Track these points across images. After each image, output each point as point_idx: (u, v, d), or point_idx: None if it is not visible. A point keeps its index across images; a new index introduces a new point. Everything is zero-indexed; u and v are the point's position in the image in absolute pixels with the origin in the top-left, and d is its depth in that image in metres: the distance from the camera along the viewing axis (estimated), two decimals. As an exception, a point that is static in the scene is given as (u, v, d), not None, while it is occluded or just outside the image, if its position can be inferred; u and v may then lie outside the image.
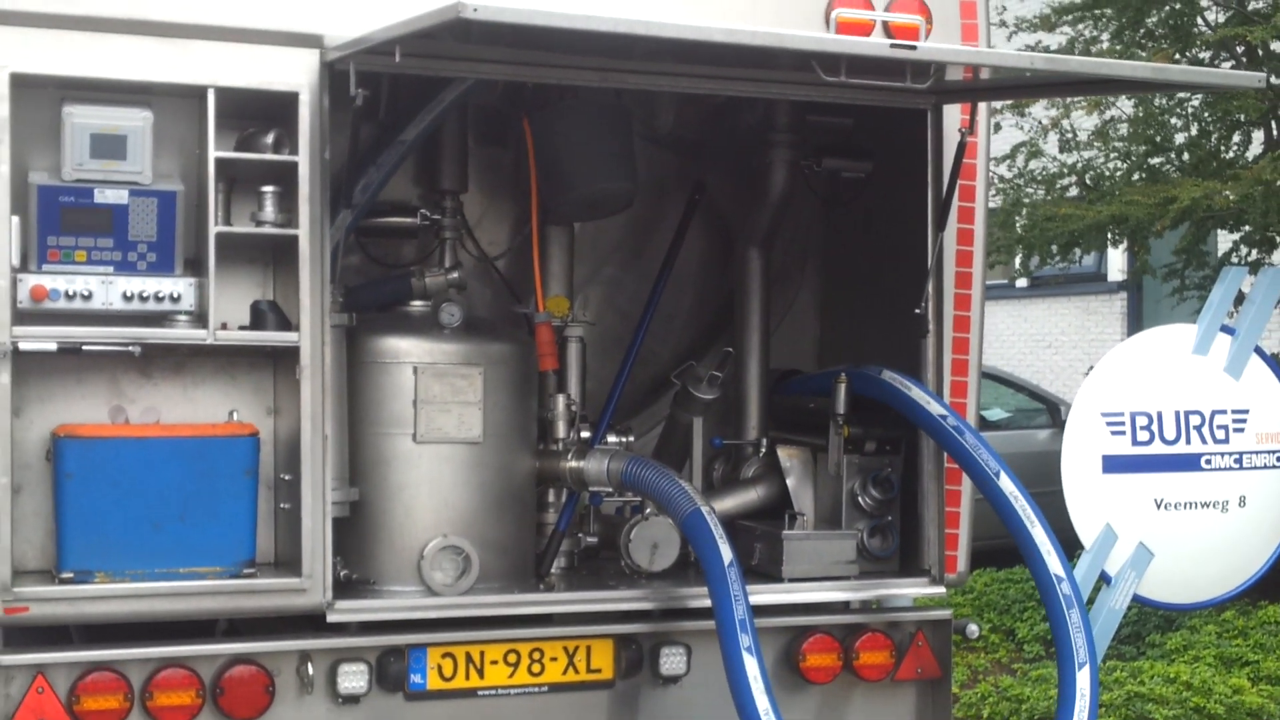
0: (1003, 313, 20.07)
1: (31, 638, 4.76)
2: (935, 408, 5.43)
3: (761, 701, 4.65)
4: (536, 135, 5.58)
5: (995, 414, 13.37)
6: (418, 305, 5.41)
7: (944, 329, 5.65)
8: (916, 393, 5.48)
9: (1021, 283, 19.27)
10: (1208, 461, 9.38)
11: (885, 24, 5.32)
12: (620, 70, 5.07)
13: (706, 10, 5.17)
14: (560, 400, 5.59)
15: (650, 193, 6.21)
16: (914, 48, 4.57)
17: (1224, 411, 9.47)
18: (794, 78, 5.10)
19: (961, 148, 5.43)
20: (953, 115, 5.62)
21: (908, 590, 5.72)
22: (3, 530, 4.51)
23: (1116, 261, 15.77)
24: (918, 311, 5.60)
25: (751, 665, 4.70)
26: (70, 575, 4.60)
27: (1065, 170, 12.22)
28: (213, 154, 4.71)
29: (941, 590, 5.65)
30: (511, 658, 5.12)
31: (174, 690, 4.71)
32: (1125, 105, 11.76)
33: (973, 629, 5.87)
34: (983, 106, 5.70)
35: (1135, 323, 17.32)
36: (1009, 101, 11.13)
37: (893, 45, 4.61)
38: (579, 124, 5.55)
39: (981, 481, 5.33)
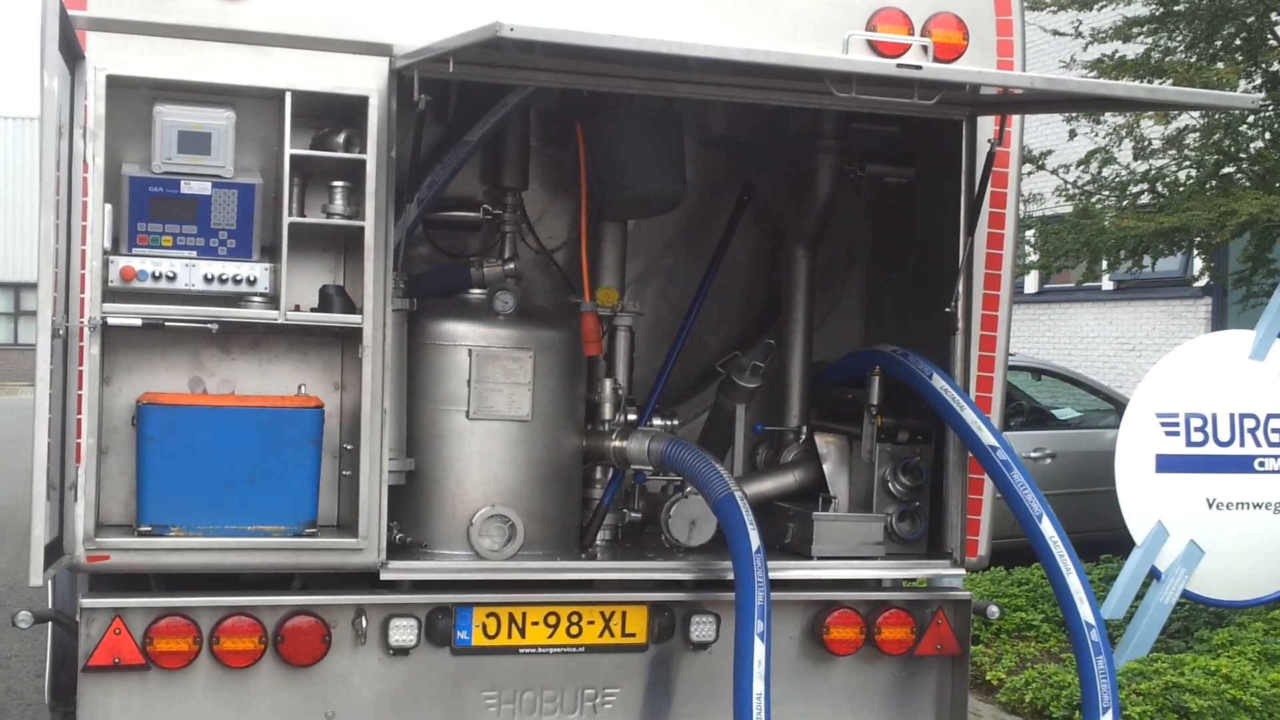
0: (1088, 315, 20.16)
1: (112, 584, 5.22)
2: (940, 382, 5.80)
3: (758, 685, 5.00)
4: (591, 138, 5.99)
5: (1066, 413, 13.58)
6: (476, 293, 5.82)
7: (972, 327, 5.95)
8: (916, 362, 5.87)
9: (1107, 286, 19.38)
10: (1260, 464, 9.60)
11: (923, 45, 5.65)
12: (668, 80, 5.43)
13: (751, 28, 5.55)
14: (607, 384, 6.00)
15: (704, 193, 6.60)
16: (919, 68, 4.91)
17: (1279, 415, 9.67)
18: (822, 89, 5.44)
19: (991, 157, 5.73)
20: (988, 126, 5.92)
21: (929, 571, 6.04)
22: (89, 486, 4.98)
23: (1201, 267, 15.87)
24: (948, 310, 5.91)
25: (759, 650, 5.04)
26: (148, 529, 5.07)
27: (1138, 178, 12.40)
28: (288, 151, 5.12)
29: (962, 572, 5.97)
30: (551, 619, 5.51)
31: (239, 636, 5.16)
32: (1194, 115, 11.94)
33: (993, 610, 6.13)
34: (1016, 120, 5.99)
35: (1219, 327, 17.37)
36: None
37: (899, 65, 4.94)
38: (631, 128, 5.94)
39: (971, 443, 5.71)
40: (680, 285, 6.67)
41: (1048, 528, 5.59)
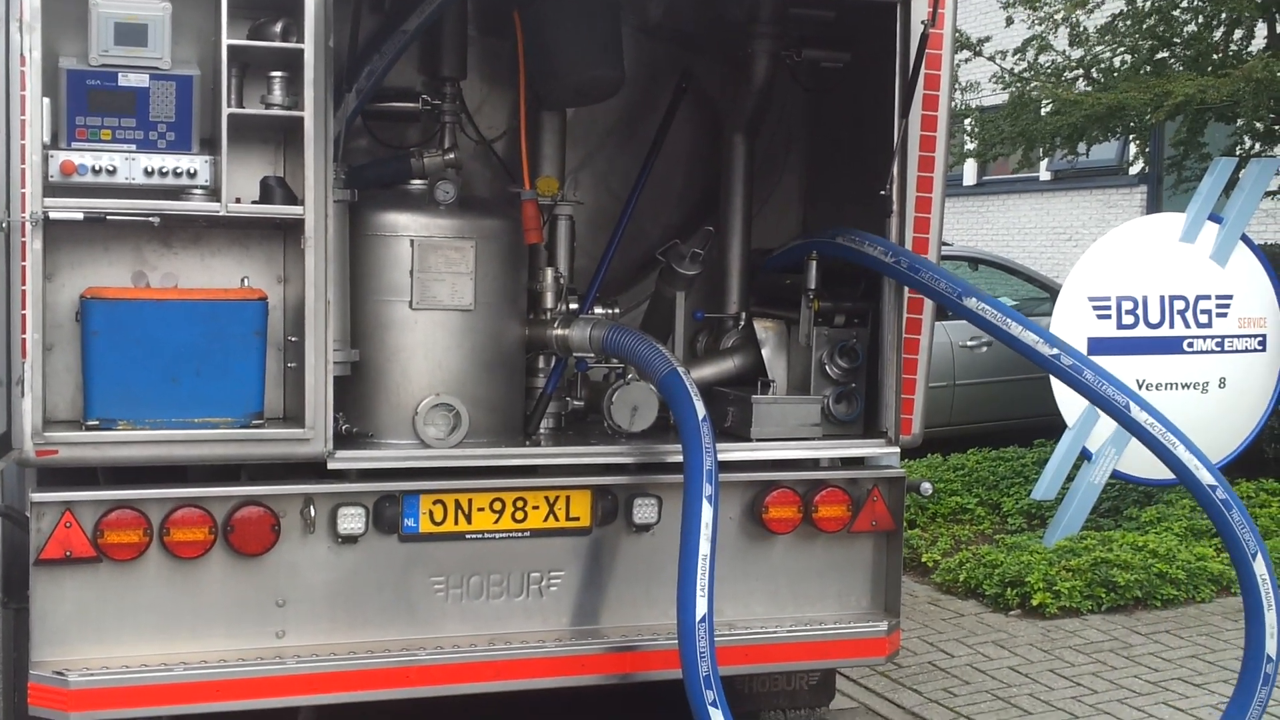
0: (1026, 205, 20.33)
1: (62, 478, 5.25)
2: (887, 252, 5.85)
3: (704, 547, 5.08)
4: (529, 26, 6.00)
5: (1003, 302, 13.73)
6: (416, 184, 5.85)
7: (907, 210, 6.03)
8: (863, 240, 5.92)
9: (1044, 176, 19.53)
10: (1190, 344, 9.80)
11: None
12: None
13: None
14: (549, 273, 6.05)
15: (643, 81, 6.62)
16: None
17: (1208, 297, 9.87)
18: None
19: (924, 39, 5.78)
20: (922, 9, 5.94)
21: (864, 450, 6.13)
22: (36, 382, 5.00)
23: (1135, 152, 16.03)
24: (883, 193, 5.98)
25: (707, 512, 5.13)
26: (96, 423, 5.09)
27: (1073, 65, 12.47)
28: (226, 42, 5.09)
29: (896, 450, 6.09)
30: (497, 505, 5.60)
31: (189, 527, 5.21)
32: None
33: (926, 487, 6.25)
34: (949, 2, 6.03)
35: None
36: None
37: None
38: (568, 15, 5.94)
39: (936, 296, 5.78)
40: (620, 174, 6.70)
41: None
